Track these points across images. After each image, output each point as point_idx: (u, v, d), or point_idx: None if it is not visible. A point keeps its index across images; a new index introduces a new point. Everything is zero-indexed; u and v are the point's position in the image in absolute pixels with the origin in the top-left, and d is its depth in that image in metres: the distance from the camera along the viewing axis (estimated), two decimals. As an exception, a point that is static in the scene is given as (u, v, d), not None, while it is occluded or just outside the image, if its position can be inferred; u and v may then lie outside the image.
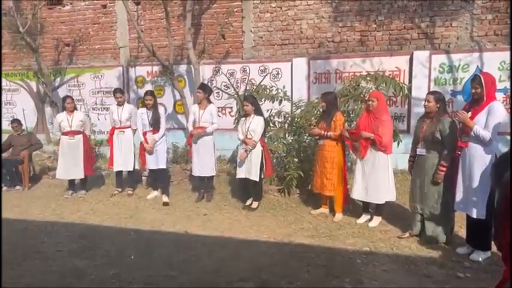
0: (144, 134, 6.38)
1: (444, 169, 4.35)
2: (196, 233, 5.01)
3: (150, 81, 9.12)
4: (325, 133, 5.35)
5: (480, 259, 4.06)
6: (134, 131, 6.77)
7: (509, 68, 7.02)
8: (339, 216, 5.45)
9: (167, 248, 4.51)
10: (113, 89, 7.18)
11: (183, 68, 8.90)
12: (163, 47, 8.93)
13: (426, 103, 4.49)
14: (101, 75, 9.48)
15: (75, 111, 6.81)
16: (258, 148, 5.71)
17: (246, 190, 6.06)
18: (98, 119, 9.52)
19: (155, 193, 6.66)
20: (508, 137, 6.64)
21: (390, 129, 5.07)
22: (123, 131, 6.67)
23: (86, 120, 6.98)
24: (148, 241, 4.73)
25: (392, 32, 7.72)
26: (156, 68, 9.04)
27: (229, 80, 8.58)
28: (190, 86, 8.80)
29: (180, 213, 5.78)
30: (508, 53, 6.99)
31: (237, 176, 5.97)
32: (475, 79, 4.11)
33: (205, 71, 8.72)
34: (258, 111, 5.79)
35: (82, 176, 6.80)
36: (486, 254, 4.12)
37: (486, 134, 3.89)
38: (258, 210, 5.81)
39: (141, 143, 6.43)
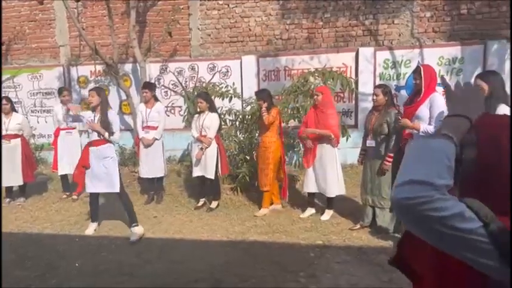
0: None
1: (390, 160, 4.45)
2: (146, 236, 4.82)
3: (93, 81, 8.72)
4: (266, 117, 5.30)
5: (427, 246, 4.19)
6: (81, 132, 6.44)
7: (447, 63, 7.37)
8: (263, 211, 5.46)
9: (115, 253, 4.30)
10: (54, 90, 6.79)
11: (128, 67, 8.59)
12: (106, 46, 8.57)
13: (374, 97, 4.59)
14: (40, 76, 8.94)
15: (13, 113, 6.35)
16: (213, 145, 5.60)
17: (202, 189, 5.92)
18: (38, 122, 8.97)
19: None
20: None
21: (336, 121, 5.14)
22: (70, 132, 6.31)
23: (24, 123, 6.51)
24: (95, 247, 4.49)
25: (338, 29, 7.87)
26: (99, 67, 8.66)
27: (177, 78, 8.40)
28: (136, 85, 8.50)
29: (127, 217, 5.53)
30: (446, 49, 7.33)
31: (193, 175, 5.83)
32: (415, 70, 4.26)
33: (152, 70, 8.46)
34: (212, 108, 5.69)
35: (21, 183, 6.35)
36: (432, 240, 4.26)
37: (432, 128, 4.01)
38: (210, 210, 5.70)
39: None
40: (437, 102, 4.04)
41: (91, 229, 4.99)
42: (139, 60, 7.83)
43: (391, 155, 4.44)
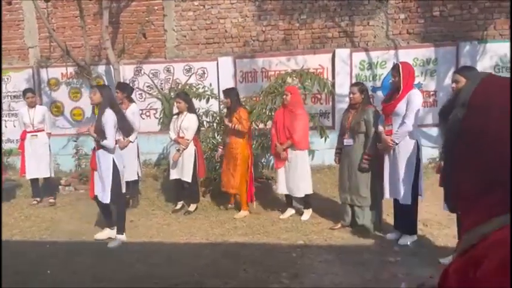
0: None
1: (369, 158, 4.44)
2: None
3: (65, 83, 8.44)
4: (233, 125, 5.24)
5: (408, 243, 4.21)
6: (49, 134, 6.21)
7: (421, 64, 7.49)
8: (242, 213, 5.40)
9: (90, 259, 4.12)
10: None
11: (101, 69, 8.36)
12: (78, 47, 8.33)
13: (351, 95, 4.58)
14: (8, 78, 8.59)
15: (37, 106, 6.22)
16: (191, 147, 5.49)
17: (180, 192, 5.78)
18: (6, 126, 8.61)
19: None
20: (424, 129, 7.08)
21: (304, 123, 5.10)
22: (36, 135, 6.08)
23: (47, 115, 6.35)
24: (68, 253, 4.30)
25: (314, 31, 7.88)
26: (71, 69, 8.41)
27: (152, 80, 8.23)
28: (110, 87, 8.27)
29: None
30: (420, 50, 7.45)
31: (170, 178, 5.69)
32: (394, 68, 4.28)
33: (126, 72, 8.26)
34: (191, 109, 5.58)
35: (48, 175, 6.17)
36: (413, 237, 4.27)
37: (407, 128, 4.03)
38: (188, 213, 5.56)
39: None
40: (415, 99, 4.06)
41: (104, 234, 4.72)
42: (113, 61, 7.63)
43: (370, 154, 4.44)
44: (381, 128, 4.31)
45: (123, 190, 4.58)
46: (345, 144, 4.66)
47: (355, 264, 3.83)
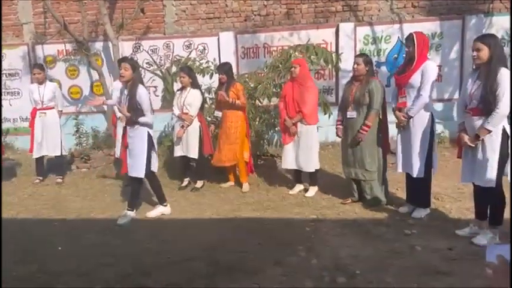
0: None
1: (367, 129, 4.37)
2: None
3: (62, 60, 8.21)
4: (234, 101, 5.16)
5: (422, 216, 4.17)
6: (60, 112, 6.07)
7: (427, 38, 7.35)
8: (246, 186, 5.40)
9: (101, 236, 4.05)
10: (18, 70, 6.35)
11: (99, 45, 8.13)
12: (74, 23, 8.07)
13: (356, 66, 4.47)
14: (3, 56, 8.34)
15: (47, 81, 6.09)
16: (196, 123, 5.38)
17: (186, 169, 5.69)
18: (1, 105, 8.40)
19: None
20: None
21: (314, 96, 5.01)
22: (45, 113, 5.95)
23: (57, 92, 6.22)
24: (76, 230, 4.22)
25: (317, 5, 7.71)
26: (67, 46, 8.17)
27: (151, 57, 8.04)
28: (108, 64, 8.08)
29: (110, 199, 5.27)
30: (425, 24, 7.31)
31: (175, 155, 5.59)
32: (408, 38, 4.17)
33: (125, 48, 8.03)
34: (195, 84, 5.44)
35: (58, 153, 6.06)
36: (426, 210, 4.25)
37: (423, 100, 3.94)
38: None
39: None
40: (430, 70, 3.98)
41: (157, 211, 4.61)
42: (112, 37, 7.41)
43: (369, 124, 4.36)
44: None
45: (155, 167, 4.49)
46: (348, 117, 4.55)
47: (370, 237, 3.80)
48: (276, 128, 6.91)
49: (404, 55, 7.55)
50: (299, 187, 5.25)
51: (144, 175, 4.30)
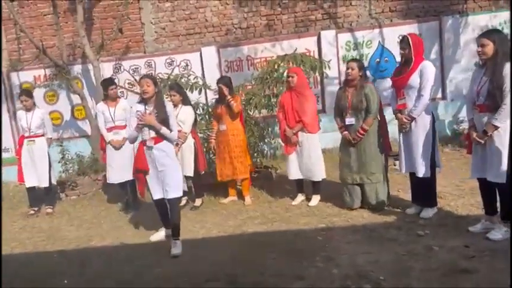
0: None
1: (364, 133, 4.40)
2: (134, 242, 4.41)
3: (38, 87, 7.95)
4: (234, 103, 5.11)
5: (431, 215, 4.18)
6: (50, 140, 5.83)
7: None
8: (248, 199, 5.36)
9: (105, 264, 3.87)
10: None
11: (78, 68, 7.94)
12: (50, 47, 7.85)
13: (350, 71, 4.48)
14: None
15: (36, 108, 5.84)
16: (190, 140, 5.28)
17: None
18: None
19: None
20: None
21: (314, 103, 5.02)
22: (33, 140, 5.70)
23: (46, 118, 5.94)
24: (80, 260, 4.02)
25: (297, 15, 7.78)
26: (42, 72, 7.94)
27: (133, 76, 7.90)
28: (89, 87, 7.89)
29: (107, 226, 5.07)
30: (404, 27, 7.46)
31: None
32: (402, 40, 4.19)
33: (105, 69, 7.87)
34: (186, 101, 5.35)
35: (46, 184, 5.79)
36: (434, 210, 4.26)
37: (423, 103, 3.98)
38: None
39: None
40: (429, 70, 4.01)
41: (160, 234, 4.37)
42: (92, 59, 7.24)
43: (366, 128, 4.39)
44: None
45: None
46: (347, 123, 4.55)
47: (385, 241, 3.76)
48: (266, 140, 6.88)
49: (386, 59, 7.77)
50: (301, 197, 5.20)
51: (181, 193, 4.09)
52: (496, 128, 3.33)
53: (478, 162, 3.58)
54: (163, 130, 3.86)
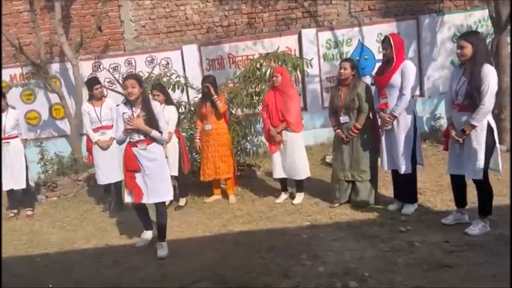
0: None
1: (356, 131, 4.48)
2: (118, 243, 4.37)
3: (19, 85, 7.76)
4: (219, 102, 5.14)
5: (411, 211, 4.29)
6: (24, 141, 5.70)
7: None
8: (233, 198, 5.40)
9: (90, 267, 3.83)
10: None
11: (55, 67, 7.78)
12: (26, 45, 7.65)
13: (342, 70, 4.55)
14: None
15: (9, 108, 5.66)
16: (174, 140, 5.26)
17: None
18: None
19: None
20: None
21: (298, 102, 5.09)
22: (9, 142, 5.55)
23: (20, 119, 5.82)
24: (63, 263, 3.97)
25: (278, 13, 7.81)
26: (19, 71, 7.75)
27: (113, 75, 7.79)
28: (67, 86, 7.74)
29: (91, 227, 5.01)
30: (382, 25, 7.59)
31: None
32: (384, 41, 4.28)
33: (84, 68, 7.74)
34: (169, 100, 5.32)
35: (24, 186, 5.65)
36: (414, 206, 4.38)
37: (405, 101, 4.08)
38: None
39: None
40: (410, 69, 4.11)
41: (145, 238, 4.26)
42: (71, 57, 7.12)
43: (359, 127, 4.47)
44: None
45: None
46: (341, 122, 4.64)
47: (368, 237, 3.85)
48: (249, 138, 6.91)
49: (365, 57, 7.88)
50: (284, 195, 5.25)
51: (172, 196, 4.04)
52: (474, 127, 3.44)
53: (455, 159, 3.70)
54: (153, 133, 3.79)
